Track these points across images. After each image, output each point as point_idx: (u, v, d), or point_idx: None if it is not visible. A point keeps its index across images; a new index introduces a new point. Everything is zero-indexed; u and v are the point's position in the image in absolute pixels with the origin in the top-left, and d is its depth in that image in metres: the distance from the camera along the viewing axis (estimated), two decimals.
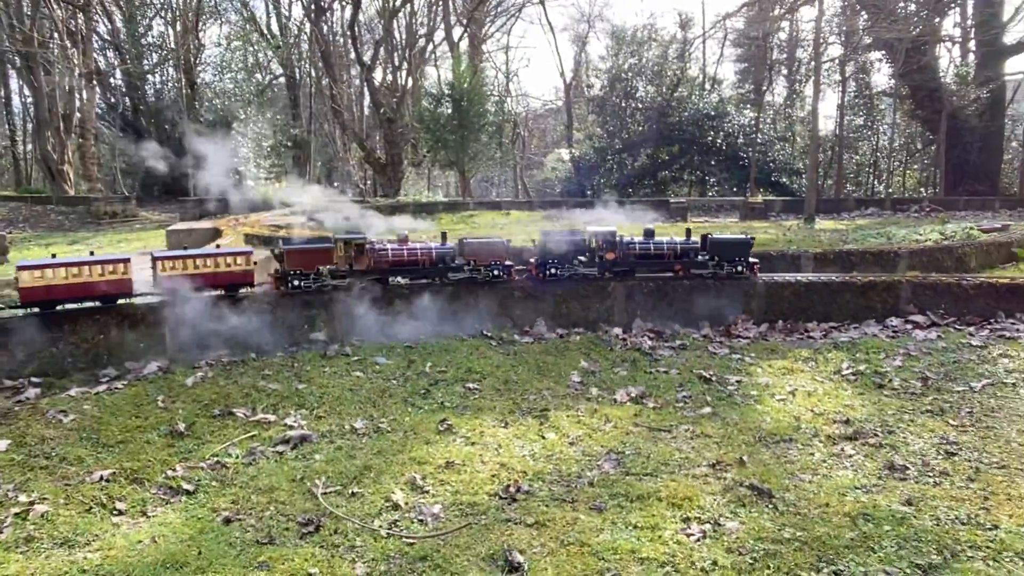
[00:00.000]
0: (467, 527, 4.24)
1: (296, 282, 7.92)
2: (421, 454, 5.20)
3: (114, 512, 4.51)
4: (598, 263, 8.84)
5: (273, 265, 8.32)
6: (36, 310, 6.75)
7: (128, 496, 4.68)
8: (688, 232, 9.27)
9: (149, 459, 5.12)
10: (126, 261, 7.07)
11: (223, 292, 7.60)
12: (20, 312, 6.72)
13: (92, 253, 7.47)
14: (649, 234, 9.14)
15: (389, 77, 34.63)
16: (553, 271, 8.77)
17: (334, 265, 8.08)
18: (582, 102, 39.28)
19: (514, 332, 8.32)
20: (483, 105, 26.55)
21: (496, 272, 8.65)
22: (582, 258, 8.84)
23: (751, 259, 9.02)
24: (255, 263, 7.86)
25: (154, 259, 7.37)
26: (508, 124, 37.57)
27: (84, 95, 27.25)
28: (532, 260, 8.89)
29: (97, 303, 6.98)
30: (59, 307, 6.84)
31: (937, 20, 27.54)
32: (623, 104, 31.43)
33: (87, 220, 22.31)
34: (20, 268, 6.64)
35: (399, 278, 8.48)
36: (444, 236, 8.91)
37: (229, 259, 7.59)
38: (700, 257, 8.98)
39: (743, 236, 9.26)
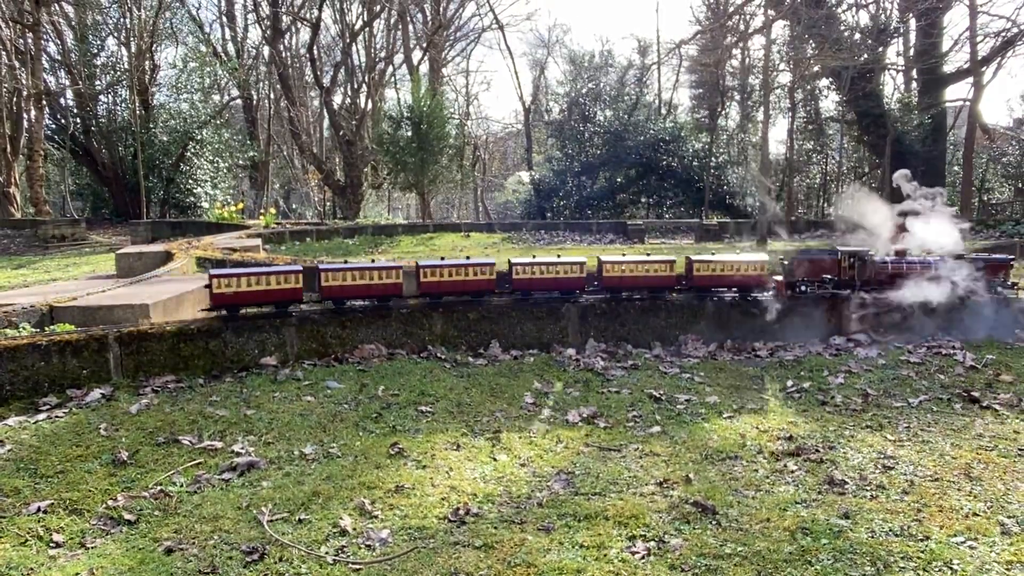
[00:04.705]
0: (414, 551, 4.23)
1: (803, 288, 8.96)
2: (371, 479, 5.18)
3: (51, 544, 4.38)
4: None
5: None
6: None
7: (66, 528, 4.55)
8: None
9: (89, 489, 4.99)
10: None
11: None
12: None
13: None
14: None
15: (348, 100, 34.63)
16: None
17: (836, 276, 8.99)
18: (541, 125, 39.80)
19: None
20: (443, 128, 26.69)
21: (998, 289, 9.11)
22: None
23: None
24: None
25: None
26: (468, 147, 37.85)
27: (32, 116, 26.63)
28: None
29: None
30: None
31: (881, 49, 28.74)
32: (581, 128, 31.92)
33: (34, 243, 21.70)
34: None
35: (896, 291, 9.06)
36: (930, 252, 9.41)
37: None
38: None
39: None
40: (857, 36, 28.29)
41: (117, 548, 4.31)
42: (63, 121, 28.51)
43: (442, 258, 8.99)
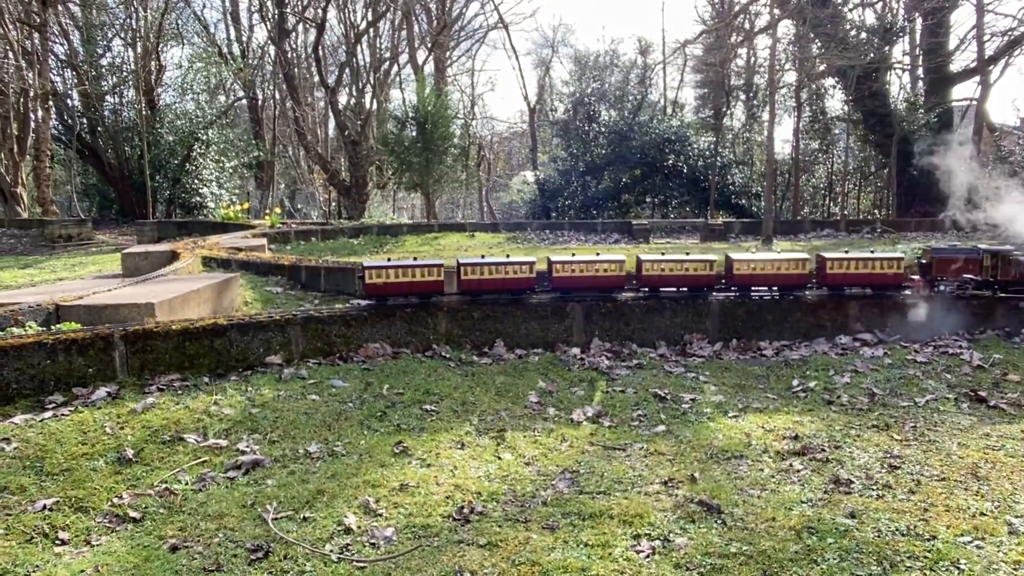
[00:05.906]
0: (419, 549, 4.23)
1: (942, 286, 8.96)
2: (375, 477, 5.18)
3: (56, 542, 4.40)
4: None
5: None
6: None
7: (72, 525, 4.57)
8: None
9: (95, 487, 5.00)
10: None
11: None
12: None
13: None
14: None
15: (353, 100, 34.69)
16: None
17: (978, 275, 8.92)
18: (546, 125, 39.79)
19: None
20: (448, 128, 26.71)
21: None
22: None
23: None
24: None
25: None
26: (473, 147, 37.87)
27: (39, 116, 26.74)
28: None
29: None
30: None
31: (887, 48, 28.62)
32: (586, 128, 31.89)
33: (41, 243, 21.81)
34: None
35: None
36: None
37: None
38: None
39: None
40: (863, 35, 28.17)
41: (122, 545, 4.32)
42: (70, 121, 28.64)
43: (575, 254, 9.00)
